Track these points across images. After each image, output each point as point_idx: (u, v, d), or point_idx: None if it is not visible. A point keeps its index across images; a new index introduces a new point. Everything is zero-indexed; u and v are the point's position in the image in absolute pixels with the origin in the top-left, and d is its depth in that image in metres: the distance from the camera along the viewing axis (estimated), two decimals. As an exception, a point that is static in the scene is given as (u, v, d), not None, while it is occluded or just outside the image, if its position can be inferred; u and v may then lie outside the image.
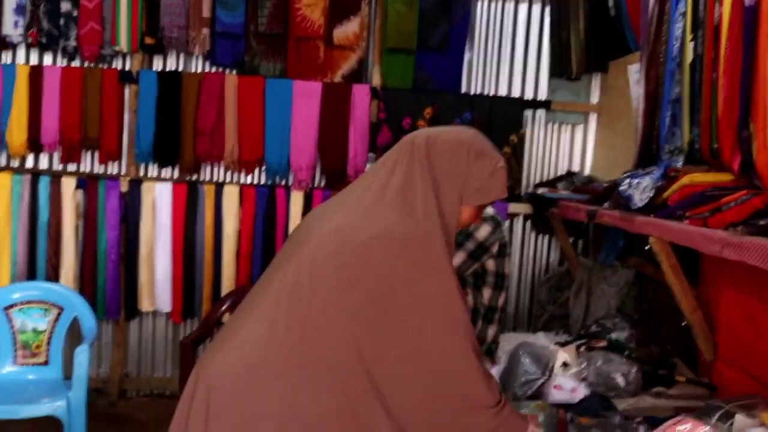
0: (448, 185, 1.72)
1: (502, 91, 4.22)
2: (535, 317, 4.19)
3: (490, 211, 3.08)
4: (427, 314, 1.65)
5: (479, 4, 4.18)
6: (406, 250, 1.65)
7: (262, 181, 4.13)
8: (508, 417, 1.73)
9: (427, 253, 1.67)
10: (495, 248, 3.00)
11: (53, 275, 3.97)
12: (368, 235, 1.64)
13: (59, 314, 3.55)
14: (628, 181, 2.52)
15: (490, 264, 3.03)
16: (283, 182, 4.11)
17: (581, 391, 2.65)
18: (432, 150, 1.73)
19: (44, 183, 3.95)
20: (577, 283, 3.79)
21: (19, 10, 3.87)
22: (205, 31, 3.94)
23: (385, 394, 1.63)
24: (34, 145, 3.98)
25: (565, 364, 2.80)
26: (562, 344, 3.06)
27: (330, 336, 1.62)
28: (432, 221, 1.68)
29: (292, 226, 3.99)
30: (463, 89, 4.15)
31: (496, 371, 3.09)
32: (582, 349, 2.95)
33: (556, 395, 2.67)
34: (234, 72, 4.04)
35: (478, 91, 4.20)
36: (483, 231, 2.97)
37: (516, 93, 4.23)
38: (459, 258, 2.94)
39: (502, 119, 4.06)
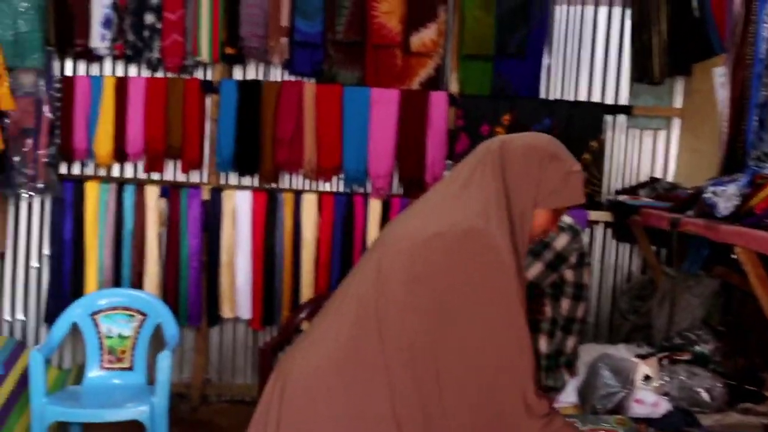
0: (520, 190, 1.70)
1: (582, 96, 4.15)
2: (615, 328, 4.09)
3: (568, 220, 3.02)
4: (483, 316, 1.65)
5: (558, 8, 4.11)
6: (467, 246, 1.64)
7: (340, 189, 4.15)
8: (558, 429, 1.69)
9: (489, 252, 1.64)
10: (573, 258, 2.94)
11: (137, 282, 4.07)
12: (434, 231, 1.65)
13: (143, 320, 3.63)
14: (712, 188, 2.45)
15: (569, 274, 2.97)
16: (361, 190, 4.12)
17: (663, 406, 2.57)
18: (506, 155, 1.72)
19: (129, 192, 4.05)
20: (660, 293, 3.68)
21: (106, 23, 3.99)
22: (284, 40, 3.99)
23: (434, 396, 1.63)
24: (120, 154, 4.09)
25: (646, 377, 2.72)
26: (644, 356, 2.97)
27: (393, 335, 1.63)
28: (499, 223, 1.67)
29: (370, 234, 4.00)
30: (542, 95, 4.09)
31: (574, 383, 3.03)
32: (664, 361, 2.87)
33: (637, 409, 2.59)
34: (312, 80, 4.07)
35: (557, 97, 4.14)
36: (561, 240, 2.91)
37: (596, 98, 4.15)
38: (537, 268, 2.89)
39: (581, 125, 3.98)
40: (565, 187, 1.74)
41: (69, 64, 4.18)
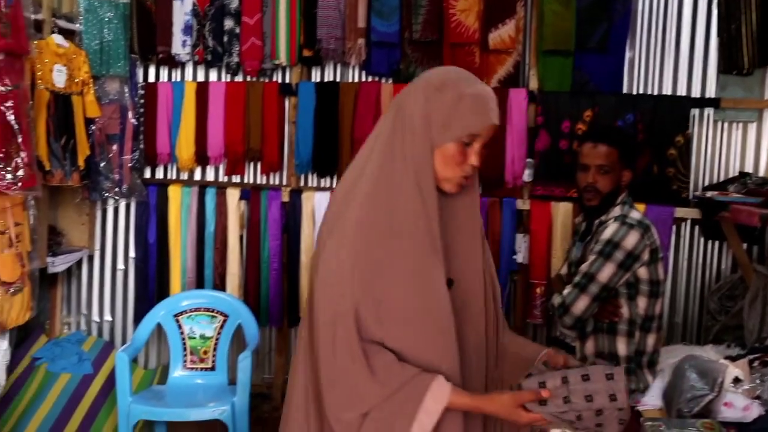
0: (412, 131, 1.57)
1: (667, 90, 4.00)
2: (705, 328, 3.95)
3: (636, 215, 2.93)
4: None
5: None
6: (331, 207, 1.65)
7: (419, 189, 4.12)
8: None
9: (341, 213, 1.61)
10: (646, 255, 2.86)
11: (219, 283, 4.13)
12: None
13: (225, 321, 3.68)
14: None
15: (643, 272, 2.88)
16: (441, 189, 4.09)
17: (755, 410, 2.47)
18: (399, 99, 1.63)
19: (211, 194, 4.12)
20: (751, 293, 3.55)
21: (187, 30, 4.06)
22: (361, 41, 3.99)
23: None
24: (202, 158, 4.16)
25: (736, 380, 2.62)
26: (734, 358, 2.87)
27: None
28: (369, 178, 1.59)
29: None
30: (625, 89, 3.98)
31: (659, 385, 2.93)
32: (756, 363, 2.75)
33: (727, 413, 2.49)
34: (390, 80, 4.06)
35: (641, 91, 4.01)
36: (631, 239, 2.83)
37: (682, 91, 4.00)
38: (608, 269, 2.82)
39: (667, 119, 3.85)
40: (456, 116, 1.56)
41: (152, 71, 4.28)
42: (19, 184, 3.10)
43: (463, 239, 1.68)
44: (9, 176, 3.06)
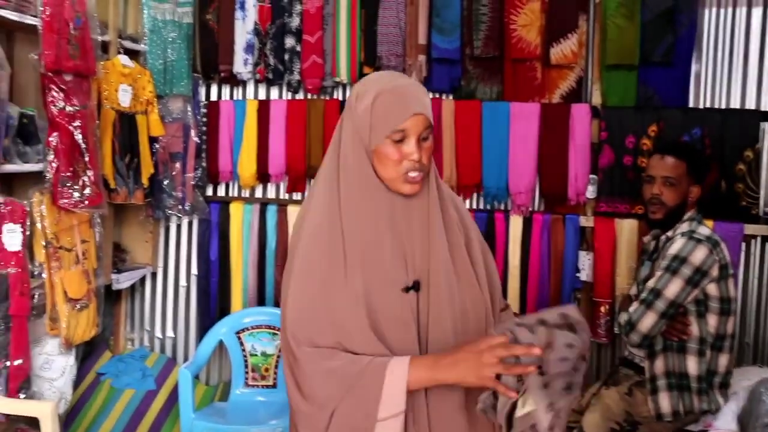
0: (346, 140, 1.65)
1: (735, 104, 3.90)
2: (778, 349, 3.83)
3: (705, 231, 2.86)
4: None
5: (707, 11, 3.90)
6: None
7: (481, 206, 4.09)
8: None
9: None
10: (715, 271, 2.79)
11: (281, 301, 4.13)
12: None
13: (286, 338, 3.67)
14: None
15: (712, 288, 2.81)
16: (502, 206, 4.05)
17: (830, 437, 2.38)
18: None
19: (272, 211, 4.13)
20: (828, 311, 3.43)
21: (248, 49, 4.10)
22: (422, 57, 3.97)
23: None
24: (263, 175, 4.18)
25: (817, 406, 2.53)
26: (814, 382, 2.77)
27: None
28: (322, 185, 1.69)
29: (511, 251, 3.92)
30: (691, 103, 3.89)
31: (733, 408, 2.85)
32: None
33: (804, 440, 2.41)
34: (451, 97, 4.04)
35: (708, 105, 3.92)
36: (699, 254, 2.76)
37: (750, 105, 3.89)
38: (676, 285, 2.75)
39: (735, 134, 3.75)
40: (376, 115, 1.59)
41: (214, 89, 4.33)
42: (86, 202, 3.16)
43: (418, 241, 1.66)
44: (76, 194, 3.12)
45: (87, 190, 3.18)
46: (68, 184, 3.10)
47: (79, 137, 3.15)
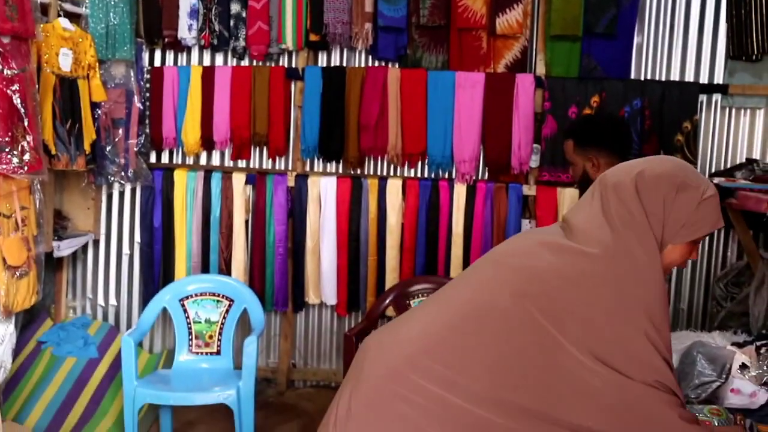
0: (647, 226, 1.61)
1: (675, 76, 3.99)
2: (710, 315, 3.95)
3: None
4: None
5: (649, -16, 3.97)
6: (585, 286, 1.58)
7: (425, 175, 4.12)
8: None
9: (608, 290, 1.57)
10: None
11: (225, 268, 4.12)
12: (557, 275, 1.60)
13: (230, 306, 3.67)
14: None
15: None
16: (446, 175, 4.08)
17: (762, 396, 2.45)
18: (640, 186, 1.63)
19: (216, 179, 4.10)
20: (757, 279, 3.54)
21: (193, 14, 4.04)
22: (368, 25, 3.97)
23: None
24: (207, 142, 4.14)
25: (743, 366, 2.61)
26: (740, 345, 2.85)
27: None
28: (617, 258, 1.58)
29: (455, 219, 3.96)
30: (633, 75, 3.97)
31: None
32: (763, 350, 2.74)
33: (733, 399, 2.48)
34: (396, 65, 4.05)
35: (649, 77, 4.00)
36: None
37: (690, 77, 3.99)
38: None
39: (674, 106, 3.84)
40: (697, 217, 1.63)
41: (158, 55, 4.26)
42: (26, 167, 3.08)
43: None
44: (15, 160, 3.04)
45: (26, 156, 3.09)
46: (6, 150, 3.01)
47: (17, 101, 3.05)
